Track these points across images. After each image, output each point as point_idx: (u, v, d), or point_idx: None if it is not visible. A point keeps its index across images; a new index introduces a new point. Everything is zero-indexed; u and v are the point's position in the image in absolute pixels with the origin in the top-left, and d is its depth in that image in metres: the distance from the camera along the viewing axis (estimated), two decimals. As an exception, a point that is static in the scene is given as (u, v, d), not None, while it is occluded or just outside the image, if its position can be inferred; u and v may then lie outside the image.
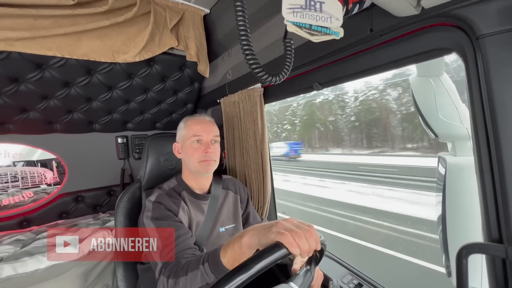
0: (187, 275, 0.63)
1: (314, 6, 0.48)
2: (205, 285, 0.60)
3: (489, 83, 0.48)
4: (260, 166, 1.22)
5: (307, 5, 0.48)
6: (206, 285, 0.60)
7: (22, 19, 0.85)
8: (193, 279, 0.62)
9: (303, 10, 0.48)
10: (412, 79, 0.97)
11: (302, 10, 0.48)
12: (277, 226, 0.49)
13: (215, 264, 0.59)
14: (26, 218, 1.43)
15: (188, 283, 0.62)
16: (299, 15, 0.48)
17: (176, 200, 0.89)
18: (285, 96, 1.23)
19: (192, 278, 0.62)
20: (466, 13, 0.50)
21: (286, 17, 0.47)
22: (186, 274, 0.63)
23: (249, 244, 0.52)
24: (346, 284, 0.95)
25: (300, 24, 0.48)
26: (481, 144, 0.52)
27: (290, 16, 0.48)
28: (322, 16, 0.49)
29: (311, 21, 0.48)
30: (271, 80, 0.53)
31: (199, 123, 0.95)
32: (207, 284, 0.60)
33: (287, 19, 0.48)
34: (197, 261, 0.64)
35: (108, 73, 1.20)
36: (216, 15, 1.16)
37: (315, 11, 0.48)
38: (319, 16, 0.48)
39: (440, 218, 0.92)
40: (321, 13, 0.49)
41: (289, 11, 0.47)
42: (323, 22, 0.49)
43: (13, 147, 1.56)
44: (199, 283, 0.61)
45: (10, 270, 0.97)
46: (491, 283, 0.53)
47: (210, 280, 0.60)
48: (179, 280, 0.64)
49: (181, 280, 0.63)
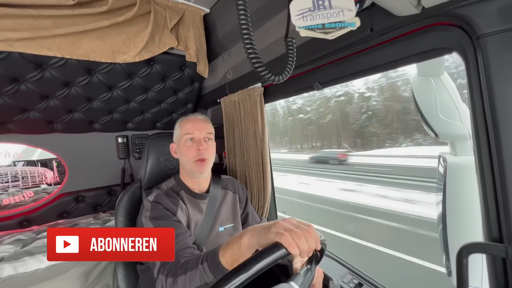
0: (186, 274, 0.63)
1: (322, 4, 0.46)
2: (204, 284, 0.60)
3: (490, 82, 0.48)
4: (260, 166, 1.22)
5: (315, 6, 0.47)
6: (204, 284, 0.60)
7: (22, 20, 0.85)
8: (192, 278, 0.62)
9: (312, 12, 0.46)
10: (412, 78, 0.97)
11: (311, 12, 0.46)
12: (276, 226, 0.49)
13: (214, 264, 0.58)
14: (26, 217, 1.43)
15: (187, 282, 0.62)
16: (309, 19, 0.46)
17: (175, 199, 0.89)
18: (285, 96, 1.23)
19: (190, 278, 0.62)
20: (467, 13, 0.49)
21: (297, 24, 0.46)
22: (185, 273, 0.63)
23: (248, 245, 0.52)
24: (347, 283, 0.95)
25: (312, 27, 0.47)
26: (482, 144, 0.52)
27: (300, 22, 0.46)
28: (333, 12, 0.47)
29: (323, 20, 0.47)
30: (274, 79, 0.53)
31: (191, 122, 0.96)
32: (205, 283, 0.60)
33: (297, 25, 0.46)
34: (196, 261, 0.63)
35: (108, 73, 1.20)
36: (216, 14, 1.16)
37: (325, 9, 0.46)
38: (330, 13, 0.47)
39: (440, 218, 0.92)
40: (331, 10, 0.47)
41: (298, 17, 0.46)
42: (335, 17, 0.47)
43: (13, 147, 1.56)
44: (198, 282, 0.61)
45: (10, 269, 0.97)
46: (491, 282, 0.53)
47: (208, 280, 0.60)
48: (178, 279, 0.64)
49: (180, 279, 0.63)
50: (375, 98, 26.97)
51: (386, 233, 5.30)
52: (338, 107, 30.16)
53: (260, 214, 1.24)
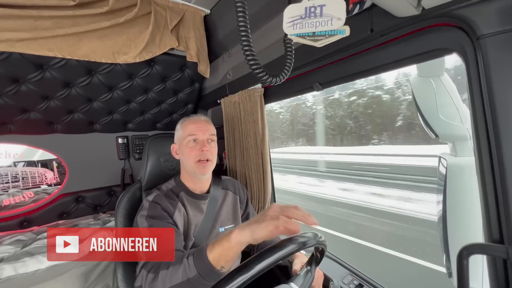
0: (168, 269, 0.62)
1: (314, 12, 0.49)
2: (186, 281, 0.58)
3: (490, 83, 0.48)
4: (260, 166, 1.22)
5: (306, 14, 0.49)
6: (186, 281, 0.58)
7: (23, 20, 0.85)
8: (174, 273, 0.60)
9: (302, 20, 0.49)
10: (412, 79, 0.97)
11: (302, 20, 0.49)
12: (267, 214, 0.50)
13: (199, 258, 0.58)
14: (26, 218, 1.43)
15: (167, 277, 0.61)
16: (299, 27, 0.49)
17: (173, 201, 0.89)
18: (286, 97, 1.23)
19: (173, 272, 0.61)
20: (467, 13, 0.49)
21: (287, 32, 0.48)
22: (167, 268, 0.62)
23: (239, 239, 0.52)
24: (347, 284, 0.95)
25: (302, 34, 0.49)
26: (482, 144, 0.52)
27: (291, 30, 0.49)
28: (322, 21, 0.49)
29: (311, 29, 0.49)
30: (271, 81, 0.53)
31: (194, 123, 0.95)
32: (188, 280, 0.58)
33: (288, 33, 0.48)
34: (181, 257, 0.63)
35: (108, 73, 1.20)
36: (216, 15, 1.16)
37: (315, 17, 0.49)
38: (319, 21, 0.49)
39: (441, 219, 0.92)
40: (321, 18, 0.49)
41: (289, 25, 0.48)
42: (323, 26, 0.49)
43: (14, 147, 1.56)
44: (179, 278, 0.59)
45: (10, 270, 0.97)
46: (492, 283, 0.53)
47: (191, 274, 0.58)
48: (159, 274, 0.63)
49: (161, 273, 0.62)
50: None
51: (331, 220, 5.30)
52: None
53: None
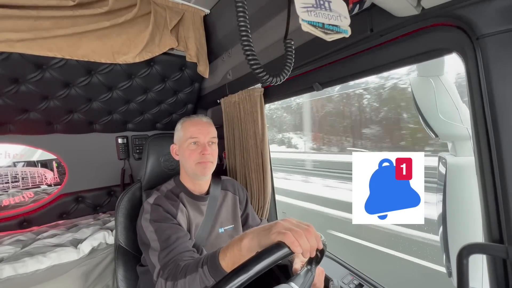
0: (185, 278, 0.63)
1: (323, 5, 0.48)
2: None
3: (490, 83, 0.48)
4: (260, 167, 1.22)
5: (317, 4, 0.48)
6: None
7: (22, 21, 0.85)
8: (192, 281, 0.61)
9: (315, 9, 0.48)
10: (412, 79, 0.97)
11: (315, 9, 0.48)
12: (276, 227, 0.49)
13: (214, 267, 0.58)
14: (26, 218, 1.43)
15: (186, 286, 0.62)
16: (313, 14, 0.48)
17: (175, 202, 0.88)
18: (286, 96, 1.23)
19: (190, 281, 0.62)
20: (466, 13, 0.49)
21: (302, 16, 0.47)
22: (184, 276, 0.63)
23: (249, 247, 0.52)
24: (347, 284, 0.95)
25: (314, 23, 0.48)
26: (482, 144, 0.52)
27: (305, 15, 0.47)
28: (333, 15, 0.49)
29: (324, 19, 0.48)
30: (271, 80, 0.53)
31: (195, 125, 0.94)
32: (205, 287, 0.60)
33: (302, 18, 0.47)
34: (196, 264, 0.63)
35: (108, 73, 1.20)
36: (216, 15, 1.16)
37: (326, 10, 0.48)
38: (330, 15, 0.49)
39: (441, 218, 0.92)
40: (331, 12, 0.49)
41: (303, 10, 0.47)
42: (334, 20, 0.49)
43: (13, 147, 1.56)
44: (198, 286, 0.61)
45: (10, 270, 0.97)
46: (491, 283, 0.53)
47: (209, 283, 0.59)
48: (178, 282, 0.63)
49: (180, 282, 0.63)
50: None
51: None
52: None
53: (260, 215, 1.24)
